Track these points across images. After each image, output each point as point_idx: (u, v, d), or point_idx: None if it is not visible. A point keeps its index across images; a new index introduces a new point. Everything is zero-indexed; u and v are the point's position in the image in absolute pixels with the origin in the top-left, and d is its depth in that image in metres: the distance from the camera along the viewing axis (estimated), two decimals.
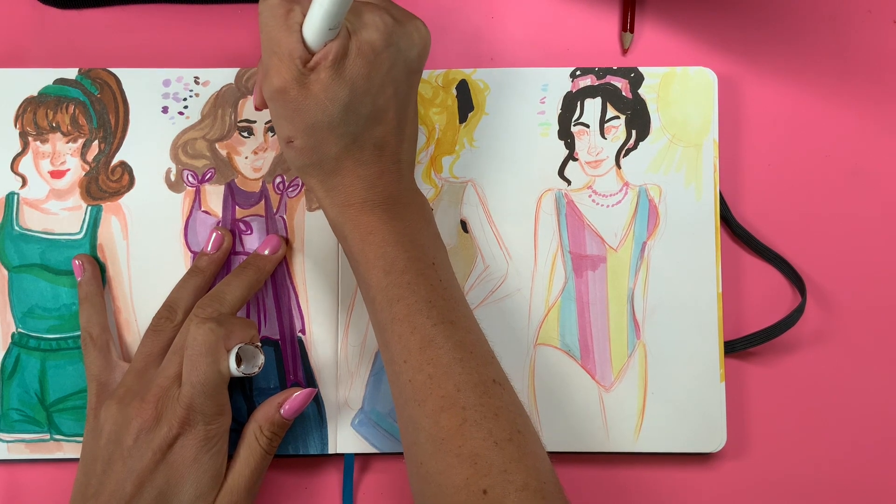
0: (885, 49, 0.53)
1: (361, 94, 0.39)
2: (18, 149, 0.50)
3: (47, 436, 0.48)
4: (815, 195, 0.52)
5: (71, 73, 0.50)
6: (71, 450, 0.48)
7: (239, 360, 0.43)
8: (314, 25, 0.38)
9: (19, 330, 0.49)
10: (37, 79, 0.50)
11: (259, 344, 0.44)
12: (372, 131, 0.41)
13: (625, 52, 0.53)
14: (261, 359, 0.44)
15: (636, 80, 0.51)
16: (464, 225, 0.50)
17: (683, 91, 0.51)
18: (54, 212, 0.50)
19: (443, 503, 0.36)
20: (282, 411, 0.45)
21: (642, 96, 0.51)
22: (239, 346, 0.43)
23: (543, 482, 0.36)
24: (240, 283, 0.46)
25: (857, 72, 0.53)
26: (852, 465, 0.51)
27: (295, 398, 0.45)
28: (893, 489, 0.50)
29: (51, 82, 0.50)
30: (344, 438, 0.48)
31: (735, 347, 0.50)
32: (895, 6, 0.53)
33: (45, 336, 0.49)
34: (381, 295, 0.40)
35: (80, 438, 0.48)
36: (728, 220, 0.51)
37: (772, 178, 0.52)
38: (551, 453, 0.49)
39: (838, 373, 0.51)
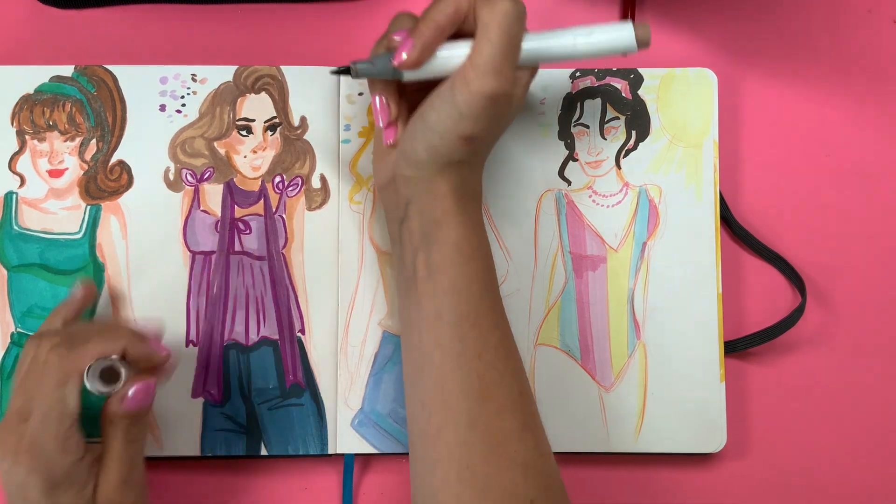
0: (885, 49, 0.54)
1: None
2: (16, 147, 0.50)
3: None
4: (814, 195, 0.53)
5: (67, 71, 0.50)
6: None
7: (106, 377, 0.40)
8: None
9: (18, 329, 0.49)
10: (33, 76, 0.50)
11: (116, 359, 0.40)
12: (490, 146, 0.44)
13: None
14: (121, 379, 0.40)
15: (636, 80, 0.51)
16: None
17: (683, 92, 0.51)
18: (53, 211, 0.50)
19: None
20: (122, 407, 0.41)
21: (642, 97, 0.51)
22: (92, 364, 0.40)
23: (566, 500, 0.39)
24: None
25: (857, 72, 0.53)
26: (852, 464, 0.51)
27: (133, 394, 0.41)
28: (893, 489, 0.51)
29: (47, 80, 0.50)
30: (344, 439, 0.49)
31: (735, 347, 0.50)
32: (895, 6, 0.54)
33: None
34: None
35: None
36: (728, 220, 0.52)
37: (772, 178, 0.53)
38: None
39: (838, 373, 0.52)
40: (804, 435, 0.51)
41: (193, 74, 0.50)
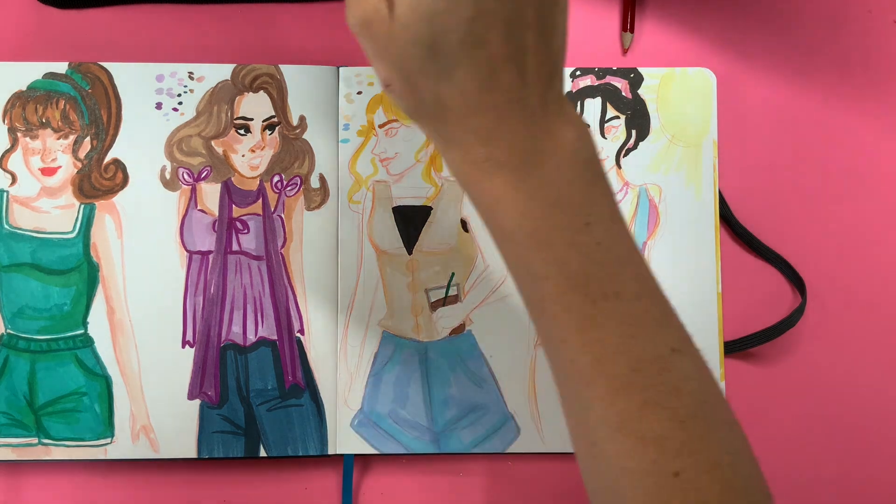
0: (885, 49, 0.56)
1: (445, 11, 0.31)
2: (7, 145, 0.51)
3: (35, 440, 0.50)
4: (814, 195, 0.55)
5: (61, 68, 0.52)
6: (60, 454, 0.50)
7: None
8: None
9: (8, 331, 0.50)
10: (25, 73, 0.51)
11: None
12: (469, 63, 0.32)
13: (625, 52, 0.55)
14: None
15: (636, 80, 0.54)
16: (464, 224, 0.52)
17: (683, 91, 0.53)
18: (46, 210, 0.51)
19: (626, 486, 0.34)
20: None
21: (642, 96, 0.53)
22: None
23: (735, 453, 0.34)
24: None
25: (857, 72, 0.55)
26: (852, 464, 0.53)
27: None
28: (894, 488, 0.53)
29: (40, 76, 0.51)
30: (343, 439, 0.51)
31: (735, 347, 0.52)
32: (895, 6, 0.56)
33: (35, 337, 0.51)
34: (524, 271, 0.35)
35: (70, 443, 0.50)
36: (728, 220, 0.54)
37: (772, 177, 0.55)
38: (551, 453, 0.52)
39: (838, 373, 0.54)
40: (804, 435, 0.53)
41: (190, 72, 0.52)
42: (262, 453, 0.50)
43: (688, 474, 0.33)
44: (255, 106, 0.52)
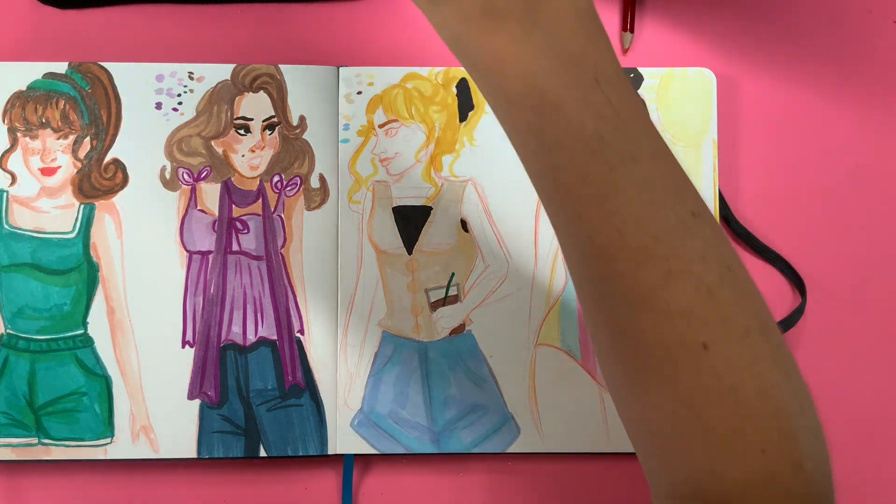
0: (885, 49, 0.56)
1: None
2: (7, 145, 0.51)
3: (35, 440, 0.50)
4: (814, 195, 0.55)
5: (61, 68, 0.52)
6: (59, 454, 0.50)
7: None
8: None
9: (8, 331, 0.51)
10: (25, 73, 0.52)
11: None
12: None
13: (625, 51, 0.56)
14: None
15: (636, 80, 0.54)
16: (464, 224, 0.53)
17: (683, 91, 0.54)
18: (46, 210, 0.51)
19: (654, 364, 0.32)
20: None
21: (642, 96, 0.54)
22: None
23: (763, 321, 0.33)
24: None
25: (857, 72, 0.56)
26: (852, 464, 0.53)
27: None
28: (894, 488, 0.53)
29: (40, 76, 0.52)
30: (343, 439, 0.51)
31: None
32: (895, 6, 0.56)
33: (35, 337, 0.51)
34: (535, 139, 0.32)
35: (70, 443, 0.50)
36: (728, 220, 0.54)
37: (772, 177, 0.55)
38: (551, 453, 0.52)
39: (838, 373, 0.54)
40: None
41: (190, 72, 0.52)
42: (262, 453, 0.51)
43: (717, 346, 0.31)
44: (255, 106, 0.52)
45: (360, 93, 0.53)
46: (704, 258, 0.32)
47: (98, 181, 0.52)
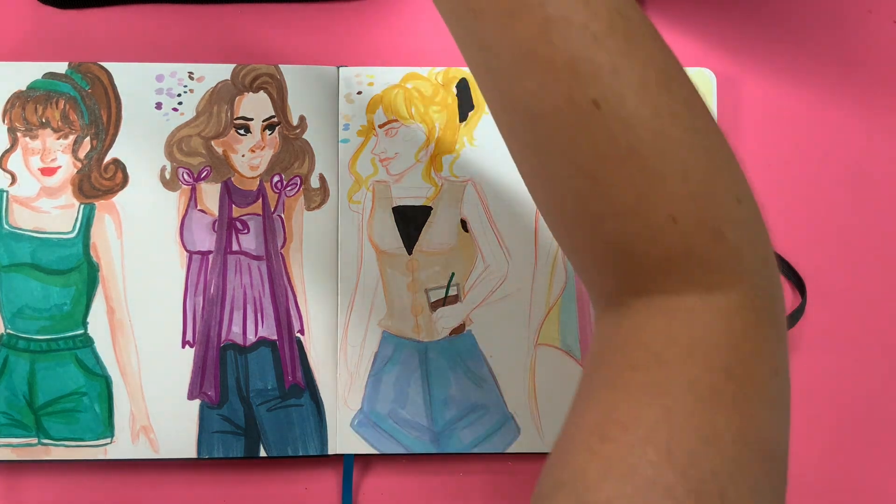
0: (885, 49, 0.56)
1: None
2: (7, 145, 0.52)
3: (35, 440, 0.50)
4: (814, 195, 0.55)
5: (61, 68, 0.52)
6: (59, 454, 0.50)
7: None
8: None
9: (8, 331, 0.51)
10: (25, 73, 0.52)
11: None
12: None
13: None
14: None
15: None
16: (464, 224, 0.53)
17: None
18: (45, 210, 0.52)
19: (547, 133, 0.29)
20: None
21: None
22: None
23: (665, 71, 0.29)
24: None
25: (857, 72, 0.56)
26: (852, 464, 0.53)
27: None
28: (894, 488, 0.54)
29: (40, 76, 0.52)
30: (343, 439, 0.51)
31: None
32: (895, 6, 0.56)
33: (34, 337, 0.51)
34: None
35: (70, 443, 0.50)
36: None
37: (771, 178, 0.55)
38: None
39: (838, 373, 0.54)
40: (804, 435, 0.53)
41: (190, 72, 0.53)
42: (262, 453, 0.51)
43: (610, 103, 0.28)
44: (255, 106, 0.53)
45: (360, 93, 0.53)
46: (588, 3, 0.28)
47: (98, 181, 0.52)
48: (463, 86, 0.54)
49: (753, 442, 0.28)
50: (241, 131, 0.53)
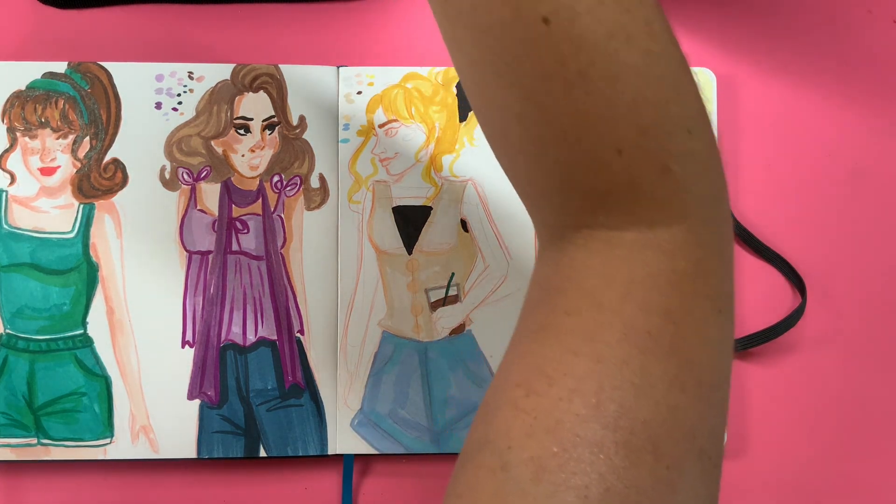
0: (885, 49, 0.56)
1: None
2: (6, 144, 0.52)
3: (34, 440, 0.50)
4: (814, 195, 0.55)
5: (60, 67, 0.52)
6: (59, 454, 0.50)
7: None
8: None
9: (7, 331, 0.51)
10: (24, 72, 0.52)
11: None
12: None
13: None
14: None
15: None
16: (464, 224, 0.53)
17: None
18: (45, 210, 0.52)
19: (493, 55, 0.27)
20: None
21: None
22: None
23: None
24: None
25: (857, 72, 0.56)
26: (852, 464, 0.54)
27: None
28: (893, 488, 0.54)
29: (39, 76, 0.52)
30: (343, 439, 0.51)
31: (735, 347, 0.53)
32: (895, 6, 0.57)
33: (34, 337, 0.51)
34: None
35: (69, 443, 0.50)
36: None
37: (772, 177, 0.55)
38: None
39: (838, 373, 0.54)
40: (804, 435, 0.54)
41: (190, 72, 0.53)
42: (262, 453, 0.51)
43: (560, 20, 0.26)
44: (255, 106, 0.53)
45: (360, 93, 0.53)
46: None
47: (97, 181, 0.52)
48: None
49: (691, 387, 0.27)
50: (241, 131, 0.53)
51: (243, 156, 0.53)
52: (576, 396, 0.26)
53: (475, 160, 0.53)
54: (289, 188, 0.53)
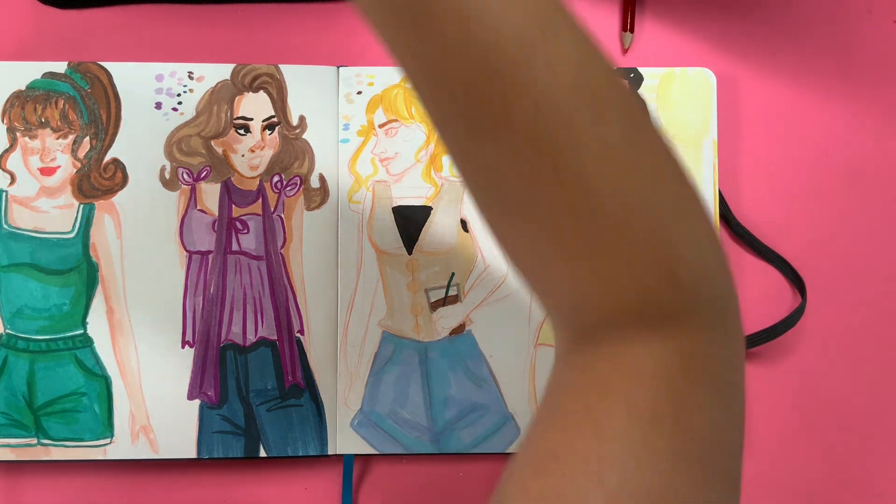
0: (885, 49, 0.56)
1: None
2: (6, 144, 0.52)
3: (34, 440, 0.51)
4: (814, 195, 0.55)
5: (60, 67, 0.52)
6: (59, 454, 0.50)
7: None
8: None
9: (7, 331, 0.51)
10: (24, 72, 0.52)
11: None
12: None
13: (625, 51, 0.56)
14: None
15: (636, 80, 0.54)
16: (464, 224, 0.53)
17: (683, 91, 0.54)
18: (45, 210, 0.52)
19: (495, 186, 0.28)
20: None
21: (642, 96, 0.54)
22: None
23: (629, 117, 0.28)
24: None
25: (857, 72, 0.56)
26: (852, 464, 0.54)
27: None
28: (893, 488, 0.54)
29: (39, 76, 0.52)
30: (343, 439, 0.52)
31: None
32: (895, 6, 0.57)
33: (34, 337, 0.51)
34: None
35: (69, 443, 0.51)
36: (728, 220, 0.55)
37: (772, 177, 0.55)
38: None
39: (838, 373, 0.54)
40: (804, 435, 0.54)
41: (190, 72, 0.53)
42: (262, 453, 0.51)
43: (570, 168, 0.26)
44: (255, 106, 0.53)
45: (360, 93, 0.53)
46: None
47: (97, 181, 0.52)
48: None
49: (696, 461, 0.28)
50: (241, 131, 0.53)
51: (243, 156, 0.53)
52: (579, 472, 0.27)
53: None
54: (289, 188, 0.53)
